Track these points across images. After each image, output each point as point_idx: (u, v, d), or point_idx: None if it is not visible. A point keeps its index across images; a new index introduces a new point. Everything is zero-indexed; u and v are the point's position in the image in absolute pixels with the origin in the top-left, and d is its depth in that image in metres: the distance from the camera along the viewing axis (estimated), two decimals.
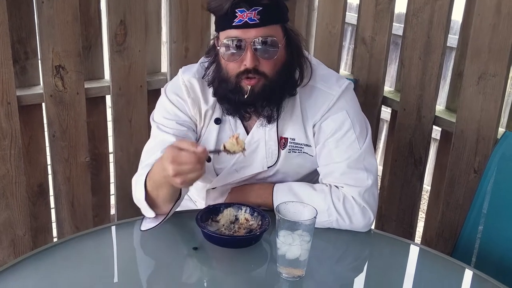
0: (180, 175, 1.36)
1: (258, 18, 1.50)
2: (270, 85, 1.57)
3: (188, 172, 1.36)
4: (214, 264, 1.56)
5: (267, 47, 1.53)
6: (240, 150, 1.49)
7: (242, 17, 1.50)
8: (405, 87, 2.44)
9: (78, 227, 2.46)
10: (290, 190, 1.70)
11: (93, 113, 2.41)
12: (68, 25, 2.18)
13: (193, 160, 1.35)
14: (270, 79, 1.57)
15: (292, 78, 1.64)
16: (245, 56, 1.53)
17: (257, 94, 1.57)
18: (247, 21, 1.50)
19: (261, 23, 1.51)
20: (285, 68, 1.60)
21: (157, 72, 2.55)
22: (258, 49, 1.53)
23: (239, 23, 1.50)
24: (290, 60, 1.62)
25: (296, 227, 1.39)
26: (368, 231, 1.70)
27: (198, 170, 1.37)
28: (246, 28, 1.51)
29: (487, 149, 2.16)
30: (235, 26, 1.51)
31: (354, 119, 1.67)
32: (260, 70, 1.55)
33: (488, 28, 2.08)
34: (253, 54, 1.52)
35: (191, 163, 1.35)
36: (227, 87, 1.59)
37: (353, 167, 1.66)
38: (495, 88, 2.10)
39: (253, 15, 1.49)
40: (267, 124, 1.66)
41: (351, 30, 4.57)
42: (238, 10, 1.49)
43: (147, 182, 1.56)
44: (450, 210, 2.35)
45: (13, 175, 2.22)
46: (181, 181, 1.38)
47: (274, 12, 1.54)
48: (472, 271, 1.53)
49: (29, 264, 1.45)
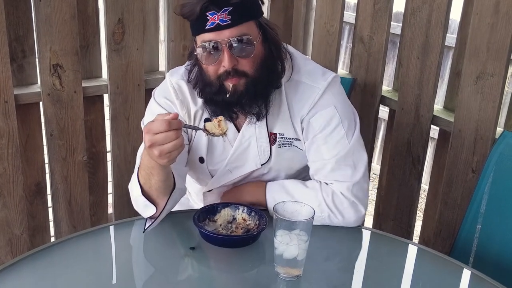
0: (155, 145, 1.37)
1: (229, 18, 1.49)
2: (253, 82, 1.57)
3: (163, 142, 1.37)
4: (212, 264, 1.55)
5: (243, 45, 1.53)
6: (220, 133, 1.50)
7: (214, 20, 1.49)
8: (403, 86, 2.44)
9: (76, 226, 2.45)
10: (282, 188, 1.71)
11: (91, 111, 2.41)
12: (65, 24, 2.17)
13: (165, 126, 1.36)
14: (251, 76, 1.56)
15: (275, 71, 1.64)
16: (223, 57, 1.52)
17: (240, 92, 1.57)
18: (219, 23, 1.49)
19: (233, 22, 1.50)
20: (265, 63, 1.60)
21: (154, 71, 2.55)
22: (234, 49, 1.52)
23: (211, 26, 1.49)
24: (269, 54, 1.62)
25: (293, 227, 1.39)
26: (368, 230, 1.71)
27: (172, 138, 1.37)
28: (219, 30, 1.50)
29: (485, 149, 2.16)
30: (208, 30, 1.50)
31: (343, 114, 1.67)
32: (239, 70, 1.55)
33: (486, 27, 2.08)
34: (230, 54, 1.52)
35: (163, 130, 1.36)
36: (211, 90, 1.59)
37: (342, 163, 1.67)
38: (493, 87, 2.10)
39: (224, 16, 1.48)
40: (257, 121, 1.65)
41: (349, 29, 4.57)
42: (209, 13, 1.48)
43: (139, 177, 1.56)
44: (448, 210, 2.35)
45: (11, 174, 2.22)
46: (158, 153, 1.38)
47: (245, 9, 1.52)
48: (470, 271, 1.53)
49: (26, 264, 1.45)
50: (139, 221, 1.65)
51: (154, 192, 1.55)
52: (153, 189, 1.55)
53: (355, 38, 2.63)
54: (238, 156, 1.72)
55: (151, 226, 1.59)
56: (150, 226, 1.58)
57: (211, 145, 1.72)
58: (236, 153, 1.71)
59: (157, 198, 1.57)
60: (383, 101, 2.61)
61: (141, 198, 1.56)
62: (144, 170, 1.52)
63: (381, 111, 2.67)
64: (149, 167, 1.50)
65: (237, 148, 1.71)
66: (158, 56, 2.57)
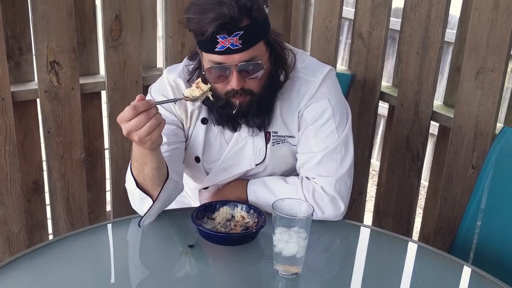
0: (132, 132, 1.38)
1: (240, 43, 1.47)
2: (258, 99, 1.58)
3: (137, 127, 1.37)
4: (210, 262, 1.55)
5: (252, 69, 1.52)
6: (201, 93, 1.48)
7: (224, 44, 1.47)
8: (403, 82, 2.43)
9: (74, 224, 2.45)
10: (263, 184, 1.72)
11: (88, 108, 2.40)
12: (62, 21, 2.16)
13: (132, 111, 1.36)
14: (257, 95, 1.58)
15: (277, 81, 1.65)
16: (231, 78, 1.52)
17: (246, 108, 1.58)
18: (230, 47, 1.47)
19: (244, 47, 1.48)
20: (270, 78, 1.61)
21: (152, 68, 2.54)
22: (243, 71, 1.52)
23: (221, 49, 1.48)
24: (274, 67, 1.63)
25: (292, 224, 1.38)
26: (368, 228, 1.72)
27: (144, 121, 1.37)
28: (229, 54, 1.49)
29: (485, 145, 2.15)
30: (217, 52, 1.49)
31: (336, 108, 1.67)
32: (246, 89, 1.55)
33: (486, 22, 2.07)
34: (239, 76, 1.51)
35: (132, 116, 1.36)
36: (217, 103, 1.59)
37: (328, 158, 1.67)
38: (493, 83, 2.09)
39: (235, 40, 1.46)
40: (259, 131, 1.67)
41: (348, 25, 4.56)
42: (219, 36, 1.46)
43: (132, 169, 1.56)
44: (448, 206, 2.34)
45: (8, 172, 2.21)
46: (138, 138, 1.38)
47: (256, 31, 1.51)
48: (470, 268, 1.52)
49: (24, 262, 1.44)
50: (136, 219, 1.64)
51: (149, 183, 1.55)
52: (147, 180, 1.54)
53: (354, 34, 2.62)
54: (234, 155, 1.72)
55: (147, 218, 1.59)
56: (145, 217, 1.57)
57: (208, 144, 1.72)
58: (231, 151, 1.71)
59: (152, 189, 1.56)
60: (383, 97, 2.60)
61: (137, 191, 1.55)
62: (137, 160, 1.52)
63: (380, 107, 2.66)
64: (141, 156, 1.49)
65: (233, 146, 1.70)
66: (156, 53, 2.56)
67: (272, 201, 1.42)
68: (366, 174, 2.77)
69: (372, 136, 2.67)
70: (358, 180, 2.68)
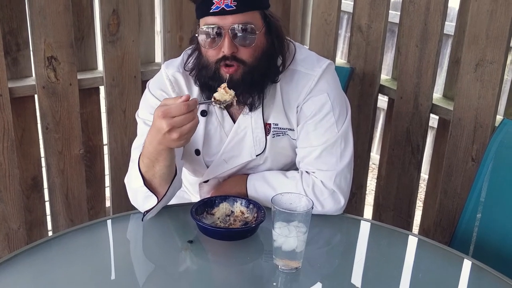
0: (175, 128, 1.37)
1: (234, 4, 1.49)
2: (250, 72, 1.56)
3: (181, 123, 1.37)
4: (210, 257, 1.54)
5: (245, 34, 1.52)
6: (231, 97, 1.50)
7: (219, 4, 1.49)
8: (402, 75, 2.42)
9: (73, 220, 2.44)
10: (262, 178, 1.72)
11: (87, 104, 2.39)
12: (59, 16, 2.15)
13: (184, 108, 1.36)
14: (249, 66, 1.56)
15: (274, 65, 1.64)
16: (223, 43, 1.52)
17: (236, 82, 1.56)
18: (224, 8, 1.49)
19: (238, 9, 1.50)
20: (266, 55, 1.60)
21: (151, 62, 2.53)
22: (236, 36, 1.52)
23: (216, 9, 1.49)
24: (270, 47, 1.61)
25: (292, 219, 1.38)
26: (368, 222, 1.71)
27: (190, 119, 1.38)
28: (223, 15, 1.50)
29: (484, 137, 2.15)
30: (212, 13, 1.50)
31: (335, 102, 1.67)
32: (238, 57, 1.54)
33: (485, 14, 2.06)
34: (231, 41, 1.52)
35: (182, 113, 1.36)
36: (207, 74, 1.58)
37: (328, 152, 1.67)
38: (493, 75, 2.08)
39: (230, 1, 1.48)
40: (250, 111, 1.65)
41: (347, 18, 4.54)
42: None
43: (140, 166, 1.54)
44: (448, 199, 2.34)
45: (6, 168, 2.20)
46: (178, 136, 1.38)
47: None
48: (471, 261, 1.52)
49: (24, 259, 1.44)
50: (136, 215, 1.64)
51: (157, 180, 1.54)
52: (156, 177, 1.54)
53: (353, 27, 2.61)
54: (234, 146, 1.71)
55: (150, 214, 1.59)
56: (149, 212, 1.58)
57: (208, 136, 1.72)
58: (231, 143, 1.70)
59: (159, 187, 1.56)
60: (382, 90, 2.59)
61: (143, 189, 1.55)
62: (148, 157, 1.51)
63: (380, 100, 2.66)
64: (156, 153, 1.48)
65: (233, 138, 1.70)
66: (154, 48, 2.55)
67: (272, 196, 1.42)
68: (366, 167, 2.77)
69: (371, 130, 2.67)
70: (358, 174, 2.67)
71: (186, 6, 2.40)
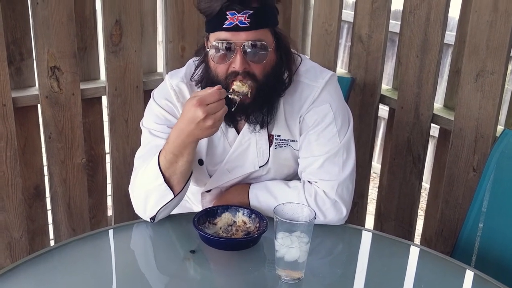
0: (209, 115, 1.42)
1: (248, 21, 1.49)
2: (260, 89, 1.57)
3: (216, 110, 1.43)
4: (212, 267, 1.55)
5: (257, 50, 1.53)
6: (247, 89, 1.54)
7: (233, 20, 1.49)
8: (403, 85, 2.43)
9: (75, 229, 2.44)
10: (265, 188, 1.72)
11: (89, 114, 2.40)
12: (63, 26, 2.16)
13: (217, 96, 1.43)
14: (259, 82, 1.57)
15: (281, 80, 1.65)
16: (235, 58, 1.53)
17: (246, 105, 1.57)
18: (238, 24, 1.49)
19: (252, 26, 1.50)
20: (275, 71, 1.61)
21: (153, 72, 2.54)
22: (248, 53, 1.53)
23: (230, 25, 1.50)
24: (279, 63, 1.63)
25: (294, 229, 1.38)
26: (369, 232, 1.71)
27: (222, 105, 1.44)
28: (236, 31, 1.50)
29: (485, 147, 2.15)
30: (225, 29, 1.51)
31: (337, 113, 1.68)
32: (250, 72, 1.55)
33: (485, 25, 2.07)
34: (243, 57, 1.52)
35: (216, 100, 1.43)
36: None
37: (330, 161, 1.67)
38: (493, 85, 2.09)
39: (244, 18, 1.49)
40: (261, 129, 1.66)
41: (347, 28, 4.56)
42: (229, 12, 1.49)
43: (161, 163, 1.56)
44: (450, 209, 2.34)
45: (9, 177, 2.20)
46: (212, 122, 1.43)
47: (264, 16, 1.53)
48: (473, 272, 1.52)
49: (25, 269, 1.44)
50: (138, 225, 1.65)
51: (177, 177, 1.57)
52: (177, 173, 1.56)
53: (353, 37, 2.62)
54: (237, 157, 1.72)
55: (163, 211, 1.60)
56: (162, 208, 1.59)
57: (211, 146, 1.72)
58: (235, 153, 1.71)
59: (177, 184, 1.58)
60: (383, 100, 2.60)
61: (162, 187, 1.56)
62: (172, 152, 1.53)
63: (380, 109, 2.66)
64: (182, 147, 1.51)
65: (237, 148, 1.70)
66: (156, 57, 2.56)
67: (274, 205, 1.42)
68: (367, 177, 2.77)
69: (372, 139, 2.67)
70: (359, 183, 2.67)
71: (188, 16, 2.41)
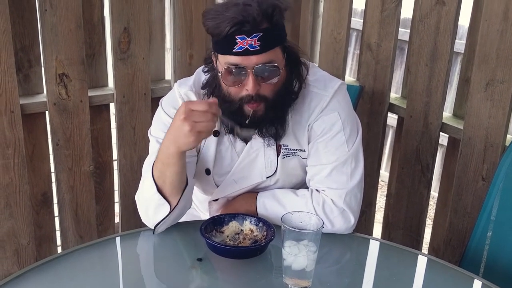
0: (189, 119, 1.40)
1: (258, 44, 1.47)
2: (272, 107, 1.57)
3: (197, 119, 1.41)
4: (219, 275, 1.54)
5: (269, 72, 1.52)
6: None
7: (243, 44, 1.47)
8: (412, 93, 2.42)
9: (82, 236, 2.44)
10: (273, 196, 1.71)
11: (97, 121, 2.40)
12: (71, 33, 2.17)
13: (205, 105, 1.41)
14: (271, 101, 1.56)
15: (292, 91, 1.64)
16: (247, 81, 1.51)
17: (259, 117, 1.57)
18: (248, 48, 1.47)
19: (262, 49, 1.48)
20: (285, 86, 1.60)
21: (161, 80, 2.54)
22: (260, 75, 1.51)
23: (240, 50, 1.47)
24: (289, 77, 1.62)
25: (302, 237, 1.37)
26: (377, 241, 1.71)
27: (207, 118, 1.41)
28: (246, 55, 1.48)
29: (495, 156, 2.14)
30: (235, 53, 1.48)
31: (345, 121, 1.67)
32: (261, 94, 1.54)
33: (495, 34, 2.06)
34: (255, 80, 1.51)
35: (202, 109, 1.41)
36: (230, 108, 1.58)
37: (338, 170, 1.66)
38: (503, 94, 2.08)
39: (254, 42, 1.46)
40: (275, 142, 1.66)
41: (356, 35, 4.56)
42: (238, 36, 1.46)
43: (154, 172, 1.56)
44: (458, 218, 2.32)
45: (17, 184, 2.21)
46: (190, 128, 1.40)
47: (274, 35, 1.51)
48: (481, 282, 1.51)
49: (33, 276, 1.44)
50: (145, 232, 1.64)
51: (168, 187, 1.55)
52: (167, 184, 1.55)
53: (362, 45, 2.62)
54: (245, 167, 1.71)
55: (162, 225, 1.60)
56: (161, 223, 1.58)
57: (219, 156, 1.72)
58: (242, 163, 1.70)
59: (170, 195, 1.57)
60: (392, 109, 2.59)
61: (155, 196, 1.56)
62: (161, 161, 1.53)
63: (389, 118, 2.65)
64: (167, 156, 1.50)
65: (244, 158, 1.70)
66: (164, 65, 2.56)
67: (282, 214, 1.41)
68: (375, 185, 2.76)
69: (381, 148, 2.66)
70: (367, 191, 2.66)
71: (196, 24, 2.41)
